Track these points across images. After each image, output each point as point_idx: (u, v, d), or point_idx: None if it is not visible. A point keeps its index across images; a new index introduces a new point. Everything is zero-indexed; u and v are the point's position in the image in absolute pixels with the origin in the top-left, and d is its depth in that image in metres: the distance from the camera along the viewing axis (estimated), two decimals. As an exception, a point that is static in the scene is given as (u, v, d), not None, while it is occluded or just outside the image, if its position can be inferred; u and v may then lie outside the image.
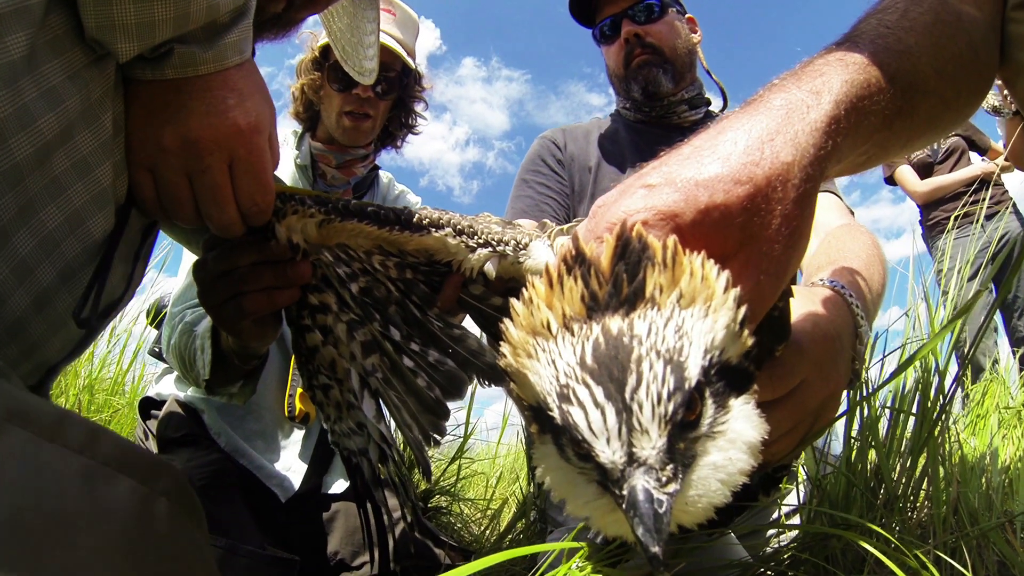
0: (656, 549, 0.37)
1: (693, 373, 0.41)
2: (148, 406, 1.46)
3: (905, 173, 3.72)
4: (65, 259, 0.66)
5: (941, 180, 3.54)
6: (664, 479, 0.40)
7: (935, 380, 0.95)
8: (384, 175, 2.07)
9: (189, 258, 1.56)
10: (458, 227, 0.85)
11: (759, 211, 0.48)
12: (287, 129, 2.00)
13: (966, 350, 0.95)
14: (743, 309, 0.46)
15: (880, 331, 1.14)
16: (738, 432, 0.44)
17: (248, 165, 0.73)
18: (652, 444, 0.39)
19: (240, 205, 0.75)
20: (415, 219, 0.84)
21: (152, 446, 1.38)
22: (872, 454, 1.00)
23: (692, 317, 0.42)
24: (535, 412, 0.45)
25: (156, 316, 1.65)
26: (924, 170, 3.75)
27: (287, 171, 1.90)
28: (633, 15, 1.62)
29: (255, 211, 0.76)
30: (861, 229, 1.21)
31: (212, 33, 0.66)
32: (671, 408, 0.40)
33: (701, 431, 0.42)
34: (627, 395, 0.39)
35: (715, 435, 0.43)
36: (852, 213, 1.44)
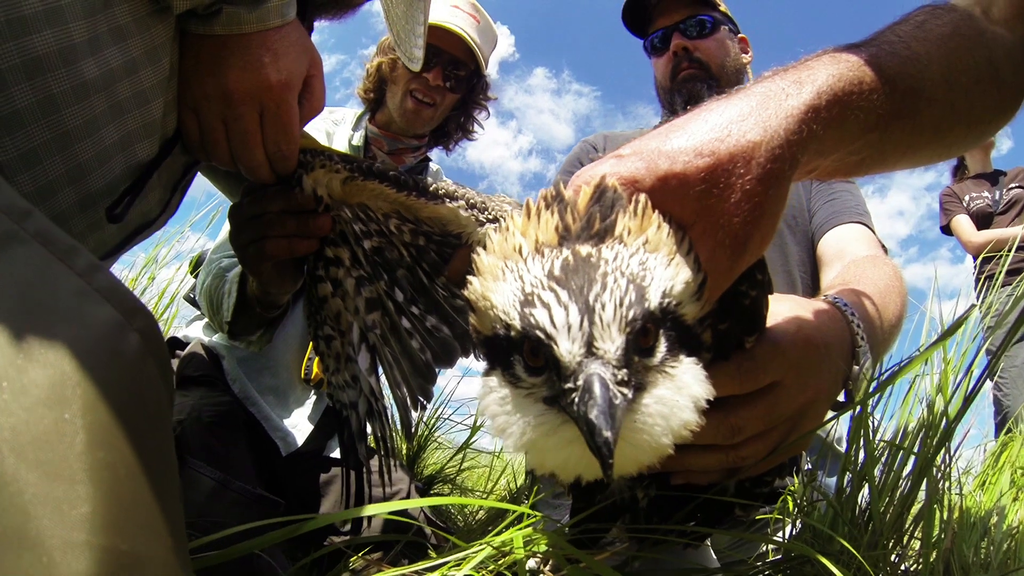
0: (608, 433, 0.38)
1: (653, 296, 0.43)
2: (174, 345, 1.56)
3: (962, 222, 3.52)
4: (113, 173, 0.74)
5: (998, 233, 3.33)
6: (620, 378, 0.41)
7: (941, 404, 0.91)
8: (433, 166, 2.13)
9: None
10: (471, 201, 0.89)
11: (718, 184, 0.50)
12: (350, 111, 2.08)
13: (975, 383, 0.91)
14: (702, 275, 0.48)
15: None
16: (686, 383, 0.45)
17: (275, 117, 0.81)
18: (612, 341, 0.41)
19: (267, 150, 0.83)
20: (432, 188, 0.88)
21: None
22: (865, 490, 0.96)
23: (656, 260, 0.45)
24: (488, 344, 0.47)
25: (197, 266, 1.76)
26: (983, 220, 3.55)
27: (339, 147, 2.00)
28: (684, 29, 1.64)
29: (279, 157, 0.84)
30: (885, 260, 1.19)
31: None
32: (631, 314, 0.41)
33: (653, 362, 0.44)
34: (591, 298, 0.41)
35: (665, 374, 0.44)
36: (885, 249, 1.41)
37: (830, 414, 0.80)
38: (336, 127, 2.01)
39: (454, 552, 0.67)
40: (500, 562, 0.71)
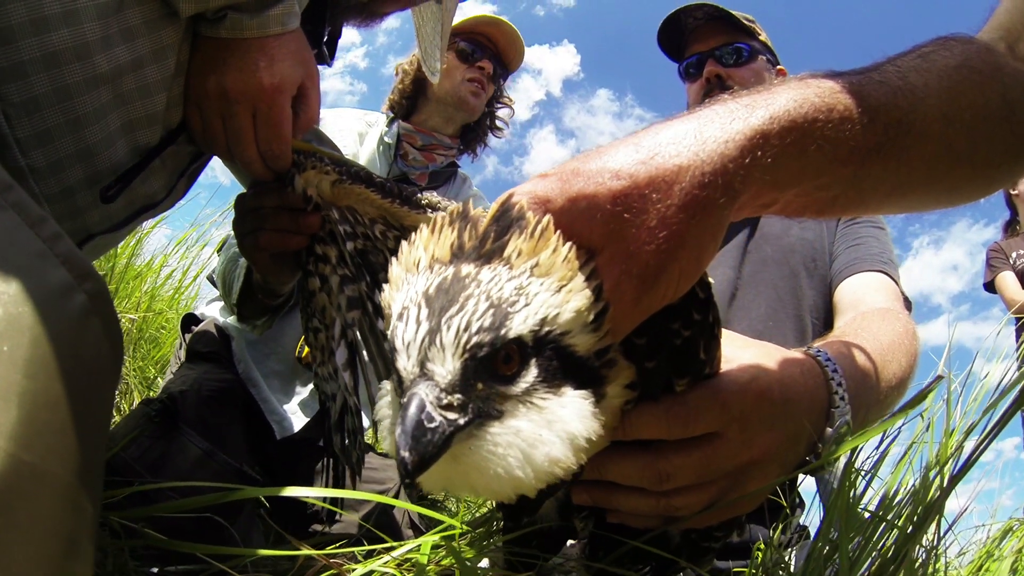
0: (406, 453, 0.38)
1: (515, 325, 0.42)
2: (189, 321, 1.65)
3: (1007, 280, 3.24)
4: (118, 155, 0.82)
5: None
6: (446, 402, 0.41)
7: (934, 474, 0.84)
8: (462, 174, 2.18)
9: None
10: (453, 213, 0.90)
11: (631, 209, 0.47)
12: (383, 116, 2.14)
13: (975, 453, 0.84)
14: (603, 305, 0.46)
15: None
16: (560, 417, 0.44)
17: (267, 117, 0.86)
18: (443, 364, 0.41)
19: (259, 148, 0.88)
20: (415, 198, 0.91)
21: (182, 355, 1.56)
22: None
23: (540, 286, 0.44)
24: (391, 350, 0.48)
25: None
26: (1029, 280, 3.27)
27: (370, 147, 2.06)
28: (719, 56, 1.60)
29: (271, 155, 0.89)
30: (898, 315, 1.11)
31: (261, 5, 0.81)
32: (475, 340, 0.41)
33: (513, 391, 0.43)
34: (443, 319, 0.42)
35: (531, 405, 0.44)
36: (909, 303, 1.32)
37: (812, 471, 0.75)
38: (370, 128, 2.09)
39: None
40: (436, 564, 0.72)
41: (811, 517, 1.34)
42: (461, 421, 0.41)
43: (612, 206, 0.48)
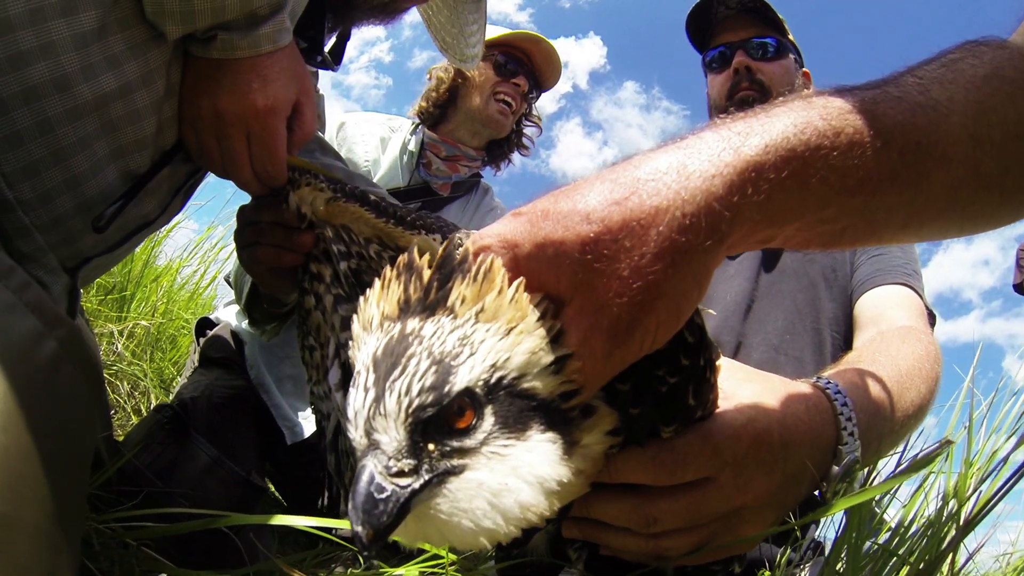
0: (359, 528, 0.38)
1: (460, 379, 0.41)
2: (204, 325, 1.68)
3: None
4: (107, 181, 0.82)
5: None
6: (396, 469, 0.40)
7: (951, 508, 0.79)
8: (484, 184, 2.16)
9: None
10: (447, 236, 0.88)
11: (602, 256, 0.44)
12: (408, 121, 2.12)
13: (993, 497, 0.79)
14: (564, 349, 0.44)
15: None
16: (525, 463, 0.43)
17: (261, 139, 0.85)
18: (387, 431, 0.40)
19: (254, 169, 0.88)
20: (410, 218, 0.89)
21: (196, 359, 1.60)
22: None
23: (487, 331, 0.43)
24: None
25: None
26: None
27: (392, 153, 2.05)
28: (751, 48, 1.53)
29: (266, 176, 0.89)
30: (919, 335, 1.04)
31: (251, 23, 0.79)
32: (417, 402, 0.40)
33: (469, 443, 0.42)
34: (387, 384, 0.41)
35: (492, 455, 0.42)
36: (933, 317, 1.25)
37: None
38: (393, 133, 2.08)
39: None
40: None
41: (832, 523, 1.29)
42: (416, 485, 0.41)
43: (580, 253, 0.44)
